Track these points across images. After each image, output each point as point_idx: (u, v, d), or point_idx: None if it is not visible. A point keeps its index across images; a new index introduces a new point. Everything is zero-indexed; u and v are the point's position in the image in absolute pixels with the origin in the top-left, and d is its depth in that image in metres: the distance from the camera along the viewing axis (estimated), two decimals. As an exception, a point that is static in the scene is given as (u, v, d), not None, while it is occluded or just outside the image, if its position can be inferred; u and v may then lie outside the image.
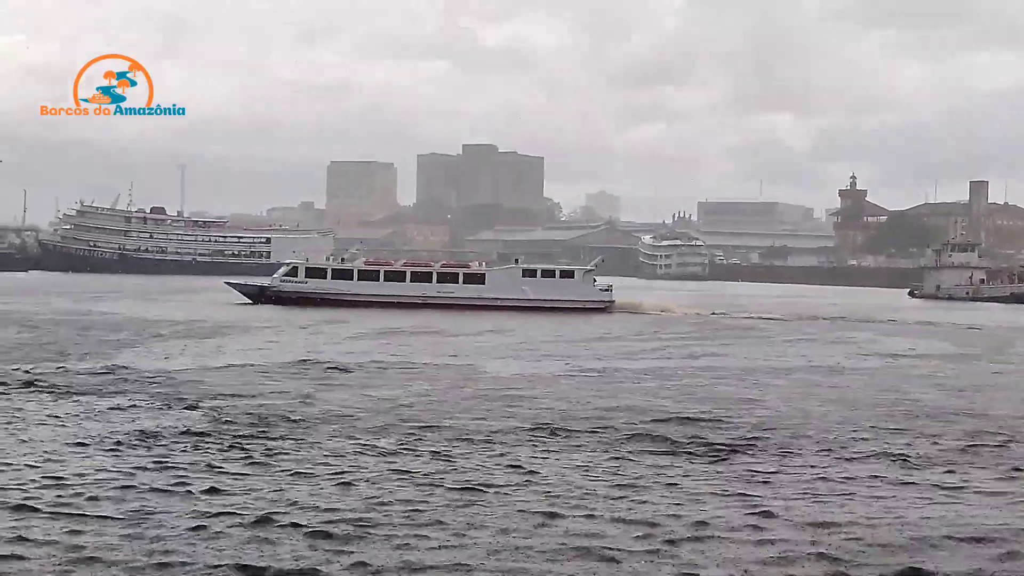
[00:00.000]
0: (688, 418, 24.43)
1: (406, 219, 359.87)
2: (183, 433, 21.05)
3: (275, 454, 19.23)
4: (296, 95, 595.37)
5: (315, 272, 78.45)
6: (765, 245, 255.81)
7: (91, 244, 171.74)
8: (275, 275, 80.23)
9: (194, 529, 13.98)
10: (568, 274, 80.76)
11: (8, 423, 22.03)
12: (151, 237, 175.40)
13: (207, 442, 20.14)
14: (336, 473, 17.69)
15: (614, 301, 77.86)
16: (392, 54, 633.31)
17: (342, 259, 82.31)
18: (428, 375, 33.06)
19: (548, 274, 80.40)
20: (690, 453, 20.17)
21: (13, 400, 25.42)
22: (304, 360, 36.24)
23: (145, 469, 17.64)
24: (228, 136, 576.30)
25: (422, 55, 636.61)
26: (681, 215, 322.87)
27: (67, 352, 37.73)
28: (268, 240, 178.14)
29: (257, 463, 18.43)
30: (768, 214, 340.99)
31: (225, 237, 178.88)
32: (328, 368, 33.91)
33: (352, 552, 13.12)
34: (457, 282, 77.43)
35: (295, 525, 14.22)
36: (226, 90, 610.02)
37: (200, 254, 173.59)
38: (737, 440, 21.59)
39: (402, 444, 20.48)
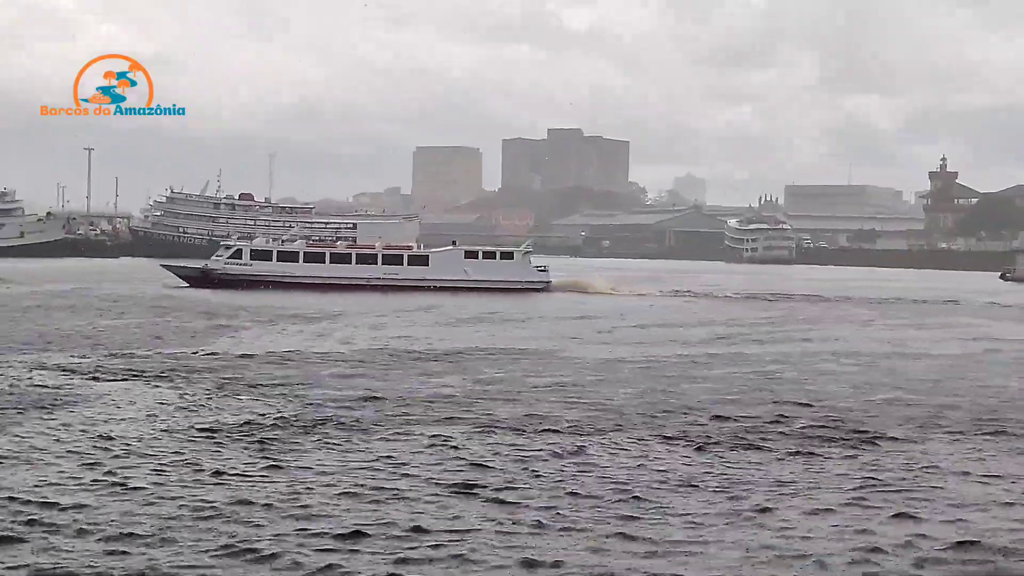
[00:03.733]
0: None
1: (492, 204, 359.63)
2: (250, 424, 21.61)
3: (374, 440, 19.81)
4: (383, 80, 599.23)
5: (260, 254, 78.88)
6: (853, 228, 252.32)
7: (180, 230, 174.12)
8: (216, 257, 79.59)
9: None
10: (507, 255, 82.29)
11: (79, 411, 22.74)
12: (239, 223, 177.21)
13: (260, 434, 20.44)
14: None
15: (551, 282, 79.85)
16: (477, 38, 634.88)
17: (282, 241, 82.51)
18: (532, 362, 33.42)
19: (489, 255, 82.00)
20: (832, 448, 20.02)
21: (82, 386, 26.17)
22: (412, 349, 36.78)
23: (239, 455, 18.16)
24: (316, 122, 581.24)
25: (507, 39, 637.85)
26: (768, 198, 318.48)
27: (148, 337, 38.64)
28: (354, 226, 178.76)
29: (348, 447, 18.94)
30: (856, 196, 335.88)
31: (312, 223, 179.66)
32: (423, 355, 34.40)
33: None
34: (401, 264, 78.84)
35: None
36: (316, 75, 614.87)
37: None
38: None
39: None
